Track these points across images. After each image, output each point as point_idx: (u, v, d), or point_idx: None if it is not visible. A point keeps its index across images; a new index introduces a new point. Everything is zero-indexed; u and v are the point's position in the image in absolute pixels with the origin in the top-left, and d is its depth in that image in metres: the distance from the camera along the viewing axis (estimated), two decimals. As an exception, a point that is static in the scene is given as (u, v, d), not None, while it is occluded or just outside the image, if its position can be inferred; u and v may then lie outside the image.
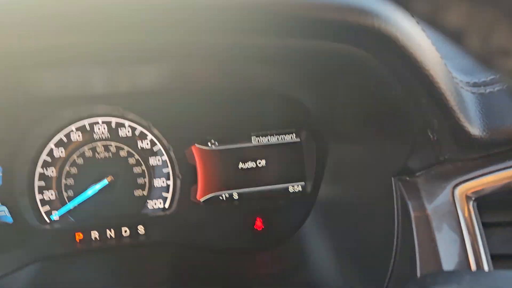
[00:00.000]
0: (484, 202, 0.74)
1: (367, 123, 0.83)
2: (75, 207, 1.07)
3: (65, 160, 1.06)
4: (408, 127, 0.72)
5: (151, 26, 0.57)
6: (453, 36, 0.29)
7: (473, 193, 0.74)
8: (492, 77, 0.77)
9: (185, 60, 0.77)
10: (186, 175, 1.11)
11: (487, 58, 0.27)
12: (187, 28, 0.57)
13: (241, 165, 1.14)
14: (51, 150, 1.06)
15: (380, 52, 0.61)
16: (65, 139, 1.06)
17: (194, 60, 0.77)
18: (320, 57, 0.66)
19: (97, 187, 1.06)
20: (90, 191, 1.06)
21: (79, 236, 1.08)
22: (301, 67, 0.76)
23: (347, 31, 0.57)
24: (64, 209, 1.06)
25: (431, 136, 0.72)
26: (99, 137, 1.08)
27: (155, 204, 1.11)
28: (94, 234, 1.09)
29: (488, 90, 0.75)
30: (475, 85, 0.76)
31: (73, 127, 1.07)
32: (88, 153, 1.07)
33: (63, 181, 1.07)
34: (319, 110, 0.99)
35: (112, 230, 1.09)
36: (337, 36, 0.59)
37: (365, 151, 0.88)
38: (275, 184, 1.16)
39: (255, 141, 1.15)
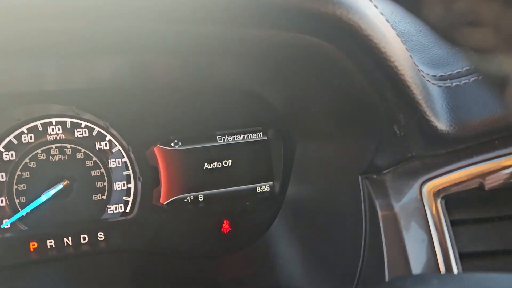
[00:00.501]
0: (452, 199, 0.72)
1: (333, 120, 0.79)
2: (28, 214, 1.00)
3: (16, 164, 0.99)
4: (374, 122, 0.69)
5: (106, 12, 0.52)
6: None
7: (440, 190, 0.72)
8: (458, 70, 0.75)
9: (143, 52, 0.72)
10: (147, 177, 1.05)
11: (449, 29, 0.24)
12: (142, 15, 0.53)
13: (206, 166, 1.10)
14: (1, 153, 0.99)
15: (342, 42, 0.57)
16: (15, 141, 0.99)
17: (153, 52, 0.72)
18: (282, 50, 0.63)
19: (52, 192, 0.99)
20: (44, 197, 0.99)
21: (33, 245, 1.01)
22: (264, 61, 0.72)
23: (307, 19, 0.54)
24: (15, 217, 0.99)
25: (398, 132, 0.69)
26: (53, 139, 1.01)
27: (116, 208, 1.05)
28: (50, 243, 1.02)
29: (454, 84, 0.73)
30: (441, 78, 0.74)
31: (24, 128, 1.00)
32: (42, 156, 1.01)
33: (15, 186, 0.99)
34: (285, 107, 0.95)
35: (69, 238, 1.03)
36: (296, 26, 0.55)
37: (331, 149, 0.85)
38: (242, 184, 1.12)
39: (220, 140, 1.11)
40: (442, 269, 0.67)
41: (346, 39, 0.57)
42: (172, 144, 1.08)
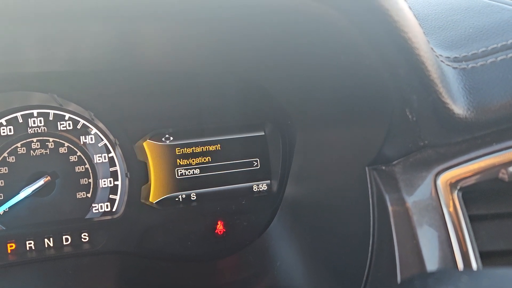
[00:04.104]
0: (470, 192, 0.65)
1: (338, 106, 0.72)
2: (5, 213, 0.92)
3: (-7, 158, 0.92)
4: (383, 105, 0.62)
5: None
6: None
7: (458, 181, 0.65)
8: (474, 52, 0.68)
9: (135, 19, 0.63)
10: (135, 174, 0.98)
11: None
12: None
13: (199, 163, 1.03)
14: (-23, 147, 0.91)
15: (350, 10, 0.51)
16: (-7, 134, 0.92)
17: (145, 19, 0.64)
18: (285, 24, 0.56)
19: (31, 188, 0.92)
20: (23, 193, 0.91)
21: (11, 246, 0.93)
22: (264, 42, 0.65)
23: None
24: (-8, 215, 0.92)
25: (410, 117, 0.62)
26: (34, 132, 0.94)
27: (101, 207, 0.98)
28: (29, 244, 0.94)
29: (470, 65, 0.66)
30: (456, 60, 0.67)
31: (3, 120, 0.93)
32: (21, 150, 0.93)
33: (-8, 182, 0.92)
34: (285, 95, 0.88)
35: (50, 239, 0.95)
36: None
37: (335, 138, 0.78)
38: (238, 183, 1.05)
39: (215, 135, 1.04)
40: (461, 268, 0.60)
41: (354, 6, 0.50)
42: (163, 139, 1.01)
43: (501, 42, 0.68)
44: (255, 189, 1.05)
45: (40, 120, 0.95)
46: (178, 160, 1.02)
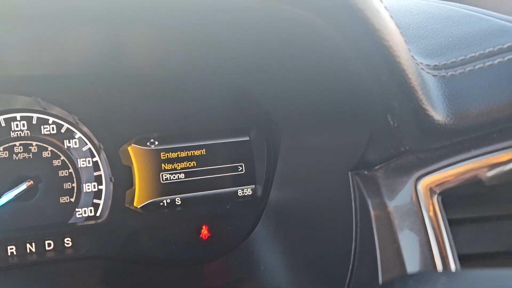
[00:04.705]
0: (449, 197, 0.67)
1: (322, 112, 0.74)
2: (-14, 218, 0.91)
3: (-26, 162, 0.91)
4: (366, 112, 0.64)
5: None
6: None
7: (437, 186, 0.66)
8: (453, 60, 0.71)
9: (122, 23, 0.63)
10: (120, 178, 0.97)
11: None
12: None
13: (184, 167, 1.03)
14: (-42, 150, 0.90)
15: (335, 17, 0.52)
16: (-26, 138, 0.91)
17: (131, 23, 0.64)
18: (269, 31, 0.57)
19: (13, 193, 0.91)
20: (5, 198, 0.90)
21: (-9, 251, 0.92)
22: (249, 48, 0.66)
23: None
24: (-28, 220, 0.90)
25: (392, 123, 0.64)
26: (17, 135, 0.93)
27: (85, 212, 0.97)
28: (11, 249, 0.93)
29: (449, 73, 0.68)
30: (436, 68, 0.69)
31: (-16, 123, 0.92)
32: (4, 154, 0.92)
33: (-28, 187, 0.91)
34: (269, 101, 0.89)
35: (32, 244, 0.94)
36: (302, 2, 0.49)
37: (319, 144, 0.79)
38: (223, 188, 1.05)
39: (200, 140, 1.04)
40: (440, 271, 0.61)
41: (339, 14, 0.51)
42: (148, 143, 1.01)
43: (479, 51, 0.71)
44: (240, 193, 1.06)
45: (23, 124, 0.94)
46: (163, 164, 1.02)
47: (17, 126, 0.93)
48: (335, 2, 0.49)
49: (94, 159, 0.97)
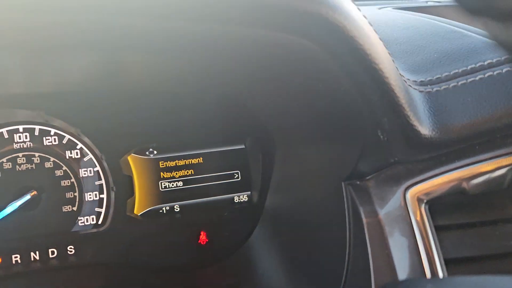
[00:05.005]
0: (436, 205, 0.72)
1: (316, 126, 0.78)
2: (-9, 227, 0.94)
3: (-22, 174, 0.93)
4: (358, 127, 0.68)
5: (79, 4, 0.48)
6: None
7: (424, 195, 0.71)
8: (438, 76, 0.75)
9: (120, 50, 0.68)
10: (121, 187, 1.01)
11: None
12: (124, 9, 0.50)
13: (182, 175, 1.06)
14: (-38, 162, 0.93)
15: (328, 44, 0.56)
16: (-22, 150, 0.93)
17: (131, 50, 0.68)
18: (265, 52, 0.61)
19: (18, 203, 0.93)
20: (10, 208, 0.93)
21: (-4, 260, 0.95)
22: (246, 66, 0.70)
23: (293, 18, 0.52)
24: (-22, 231, 0.93)
25: (382, 137, 0.68)
26: (20, 147, 0.96)
27: (87, 220, 1.00)
28: (15, 258, 0.95)
29: (435, 89, 0.73)
30: (422, 84, 0.74)
31: (-12, 136, 0.94)
32: (7, 165, 0.95)
33: (-23, 198, 0.93)
34: (265, 113, 0.93)
35: (36, 252, 0.97)
36: (283, 25, 0.54)
37: (313, 156, 0.84)
38: (219, 195, 1.09)
39: (197, 149, 1.08)
40: (428, 275, 0.66)
41: (332, 40, 0.55)
42: (147, 153, 1.05)
43: (462, 67, 0.75)
44: (236, 200, 1.10)
45: (26, 136, 0.96)
46: (161, 173, 1.06)
47: (19, 137, 0.96)
48: (328, 30, 0.53)
49: (95, 169, 1.00)
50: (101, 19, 0.50)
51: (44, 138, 0.97)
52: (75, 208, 0.99)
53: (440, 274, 0.67)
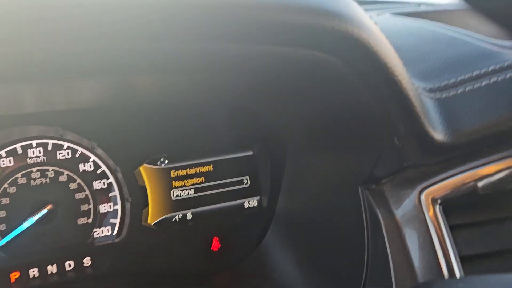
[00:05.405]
0: (449, 205, 0.76)
1: (332, 134, 0.81)
2: (8, 243, 0.94)
3: (-6, 190, 0.94)
4: (375, 135, 0.71)
5: (83, 33, 0.50)
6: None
7: (438, 197, 0.75)
8: (445, 83, 0.79)
9: (131, 73, 0.70)
10: (136, 198, 1.02)
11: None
12: (125, 34, 0.51)
13: (193, 183, 1.09)
14: (-23, 179, 0.93)
15: (351, 59, 0.59)
16: (-7, 166, 0.94)
17: (142, 73, 0.71)
18: (286, 67, 0.63)
19: (35, 218, 0.94)
20: (27, 223, 0.94)
21: (14, 275, 0.95)
22: (263, 79, 0.73)
23: (319, 36, 0.55)
24: (-4, 246, 0.93)
25: (397, 143, 0.72)
26: (34, 162, 0.96)
27: (102, 231, 1.01)
28: (33, 272, 0.96)
29: (444, 95, 0.77)
30: (431, 90, 0.78)
31: (2, 152, 0.95)
32: (22, 180, 0.96)
33: (-7, 214, 0.94)
34: (277, 123, 0.96)
35: (53, 265, 0.98)
36: (308, 42, 0.56)
37: (328, 162, 0.87)
38: (230, 201, 1.11)
39: (207, 156, 1.10)
40: (445, 272, 0.70)
41: (355, 55, 0.59)
42: (158, 163, 1.06)
43: (467, 74, 0.79)
44: (246, 205, 1.12)
45: (39, 150, 0.97)
46: (173, 182, 1.07)
47: (33, 152, 0.97)
48: (353, 46, 0.56)
49: (109, 181, 1.02)
50: (114, 46, 0.51)
51: (57, 152, 0.98)
52: (90, 220, 1.00)
53: (457, 271, 0.71)
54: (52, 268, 0.97)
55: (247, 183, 1.13)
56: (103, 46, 0.51)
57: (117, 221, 1.02)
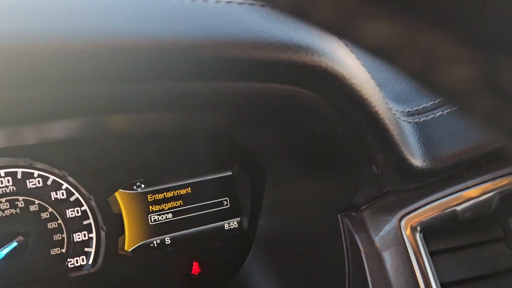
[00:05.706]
0: (429, 231, 0.75)
1: (310, 162, 0.79)
2: (-24, 278, 0.90)
3: (-40, 223, 0.90)
4: (353, 164, 0.70)
5: (56, 76, 0.47)
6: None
7: (418, 223, 0.74)
8: (424, 105, 0.78)
9: (107, 113, 0.67)
10: (111, 226, 0.99)
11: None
12: (111, 77, 0.49)
13: (171, 207, 1.06)
14: None
15: (326, 91, 0.58)
16: (-41, 199, 0.90)
17: (120, 112, 0.68)
18: (262, 100, 0.61)
19: (4, 251, 0.90)
20: (-5, 258, 0.90)
21: (-16, 311, 0.91)
22: (240, 111, 0.70)
23: (294, 71, 0.54)
24: (-38, 283, 0.89)
25: (376, 171, 0.70)
26: (3, 192, 0.92)
27: (77, 261, 0.98)
28: (5, 306, 0.92)
29: (422, 119, 0.76)
30: (409, 114, 0.76)
31: (-32, 183, 0.91)
32: (-10, 212, 0.92)
33: (-40, 248, 0.90)
34: (256, 149, 0.94)
35: (26, 299, 0.94)
36: (283, 78, 0.55)
37: (307, 187, 0.85)
38: (210, 223, 1.09)
39: (184, 179, 1.07)
40: (427, 301, 0.69)
41: (330, 89, 0.57)
42: (135, 187, 1.03)
43: (445, 96, 0.79)
44: (226, 227, 1.10)
45: (8, 180, 0.93)
46: (150, 206, 1.04)
47: (1, 182, 0.93)
48: (328, 80, 0.55)
49: (83, 208, 0.98)
50: (79, 89, 0.49)
51: (27, 180, 0.94)
52: (63, 250, 0.97)
53: (439, 300, 0.70)
54: (25, 302, 0.94)
55: (226, 204, 1.11)
56: (65, 90, 0.48)
57: (92, 250, 0.99)
